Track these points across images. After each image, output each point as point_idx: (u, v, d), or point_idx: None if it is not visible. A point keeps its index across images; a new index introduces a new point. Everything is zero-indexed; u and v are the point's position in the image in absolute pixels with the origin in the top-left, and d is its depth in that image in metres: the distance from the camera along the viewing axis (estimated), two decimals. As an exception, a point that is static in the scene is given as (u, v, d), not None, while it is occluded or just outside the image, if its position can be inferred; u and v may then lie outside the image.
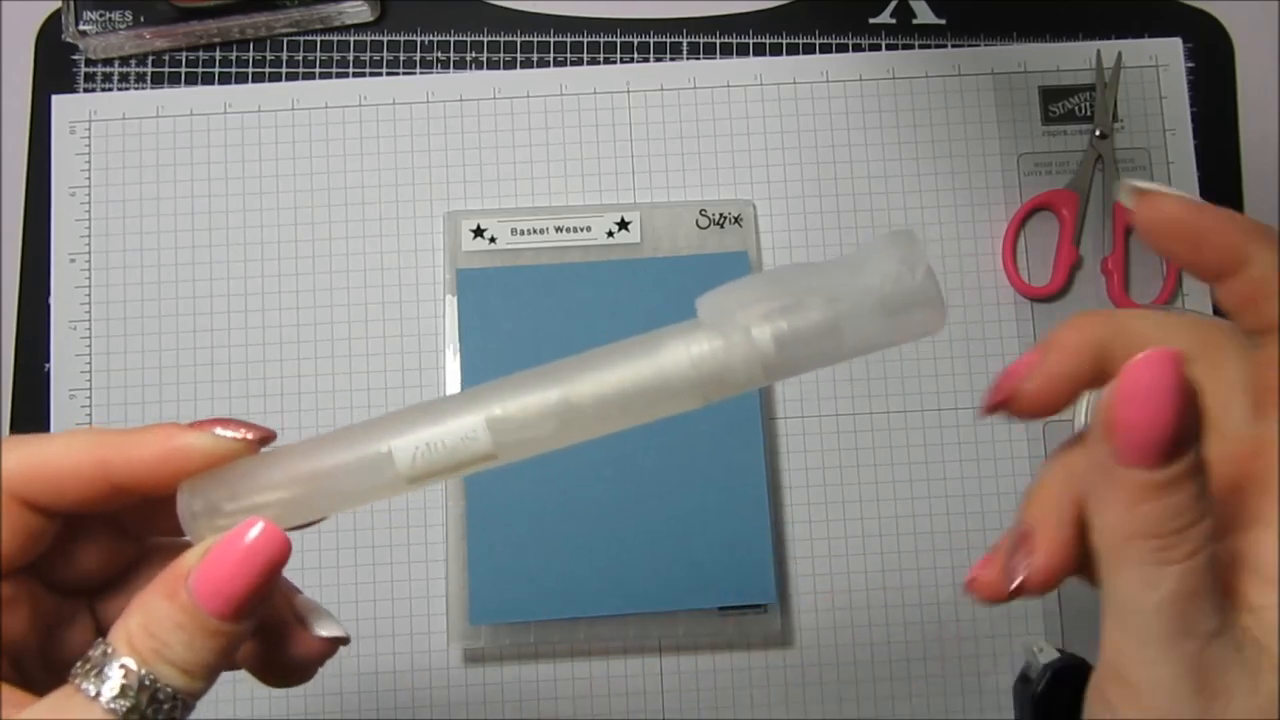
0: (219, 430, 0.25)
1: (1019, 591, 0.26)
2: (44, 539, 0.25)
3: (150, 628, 0.23)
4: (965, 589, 0.27)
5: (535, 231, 0.49)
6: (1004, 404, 0.26)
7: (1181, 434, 0.21)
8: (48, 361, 0.49)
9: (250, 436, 0.25)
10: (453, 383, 0.48)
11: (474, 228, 0.49)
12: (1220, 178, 0.52)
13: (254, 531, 0.23)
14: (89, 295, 0.49)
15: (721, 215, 0.50)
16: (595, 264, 0.49)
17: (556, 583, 0.46)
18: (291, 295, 0.50)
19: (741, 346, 0.25)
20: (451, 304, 0.48)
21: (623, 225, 0.49)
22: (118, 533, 0.27)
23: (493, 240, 0.49)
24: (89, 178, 0.50)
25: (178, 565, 0.24)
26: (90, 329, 0.49)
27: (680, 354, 0.25)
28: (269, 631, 0.27)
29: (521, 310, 0.48)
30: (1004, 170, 0.51)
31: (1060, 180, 0.51)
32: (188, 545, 0.25)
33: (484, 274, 0.48)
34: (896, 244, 0.24)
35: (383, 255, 0.50)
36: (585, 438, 0.26)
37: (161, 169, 0.50)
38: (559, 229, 0.49)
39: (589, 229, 0.49)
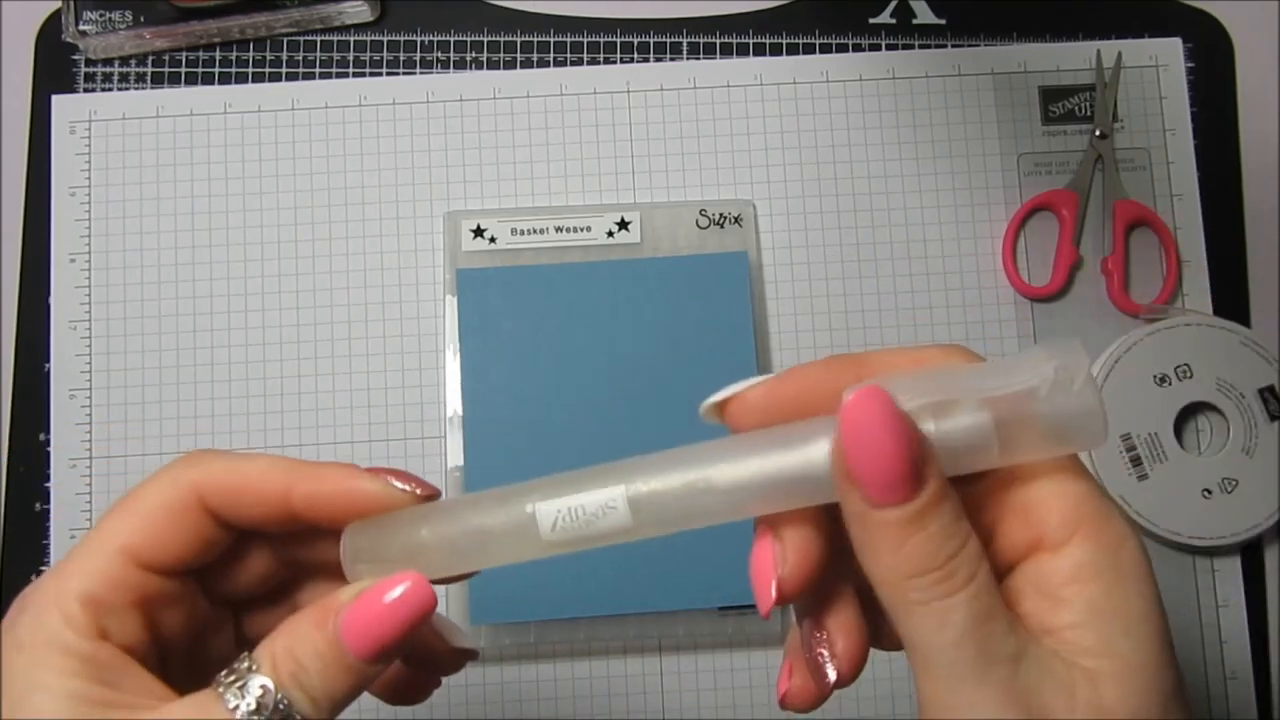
0: (393, 481, 0.26)
1: (837, 686, 0.25)
2: (218, 548, 0.27)
3: (294, 650, 0.24)
4: (781, 706, 0.26)
5: (535, 231, 0.49)
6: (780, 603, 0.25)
7: (916, 460, 0.22)
8: (48, 361, 0.49)
9: (419, 492, 0.26)
10: (453, 383, 0.48)
11: (474, 228, 0.49)
12: (1220, 178, 0.52)
13: (406, 584, 0.24)
14: (89, 295, 0.49)
15: (721, 215, 0.50)
16: (595, 264, 0.49)
17: (556, 583, 0.46)
18: (291, 295, 0.50)
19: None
20: (451, 304, 0.48)
21: (623, 225, 0.49)
22: (276, 554, 0.28)
23: (493, 240, 0.49)
24: (89, 178, 0.50)
25: (332, 599, 0.25)
26: (90, 329, 0.49)
27: (827, 448, 0.23)
28: (408, 655, 0.29)
29: (521, 310, 0.48)
30: (1004, 170, 0.51)
31: (1060, 180, 0.51)
32: (340, 581, 0.26)
33: (484, 274, 0.48)
34: (1057, 350, 0.23)
35: (383, 255, 0.50)
36: (722, 520, 0.25)
37: (161, 169, 0.50)
38: (559, 229, 0.49)
39: (589, 229, 0.49)
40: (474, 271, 0.48)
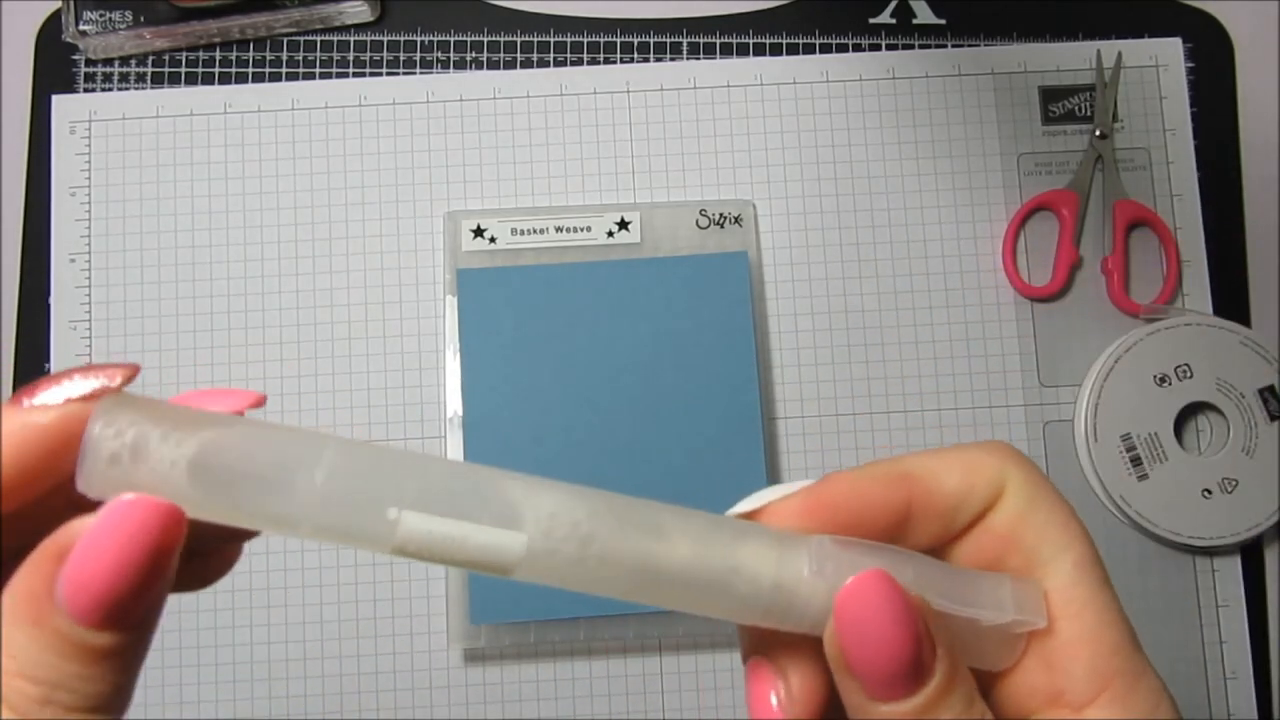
0: (72, 384, 0.19)
1: None
2: None
3: (26, 673, 0.17)
4: None
5: (535, 231, 0.49)
6: None
7: (921, 653, 0.20)
8: (48, 361, 0.49)
9: (117, 381, 0.19)
10: (453, 383, 0.48)
11: (474, 228, 0.49)
12: (1220, 178, 0.52)
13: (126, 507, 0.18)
14: (89, 295, 0.49)
15: (721, 215, 0.50)
16: (595, 264, 0.49)
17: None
18: (291, 295, 0.50)
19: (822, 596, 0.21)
20: (451, 304, 0.48)
21: (623, 225, 0.49)
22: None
23: (493, 240, 0.49)
24: (89, 178, 0.50)
25: (31, 575, 0.18)
26: (90, 329, 0.49)
27: (763, 569, 0.21)
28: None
29: (521, 310, 0.48)
30: (1004, 170, 0.51)
31: (1060, 180, 0.51)
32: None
33: (484, 274, 0.48)
34: (1022, 595, 0.21)
35: (383, 255, 0.50)
36: (610, 595, 0.21)
37: (161, 169, 0.50)
38: (559, 229, 0.49)
39: (589, 229, 0.49)
40: (474, 271, 0.48)
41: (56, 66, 0.51)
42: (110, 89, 0.51)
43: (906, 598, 0.20)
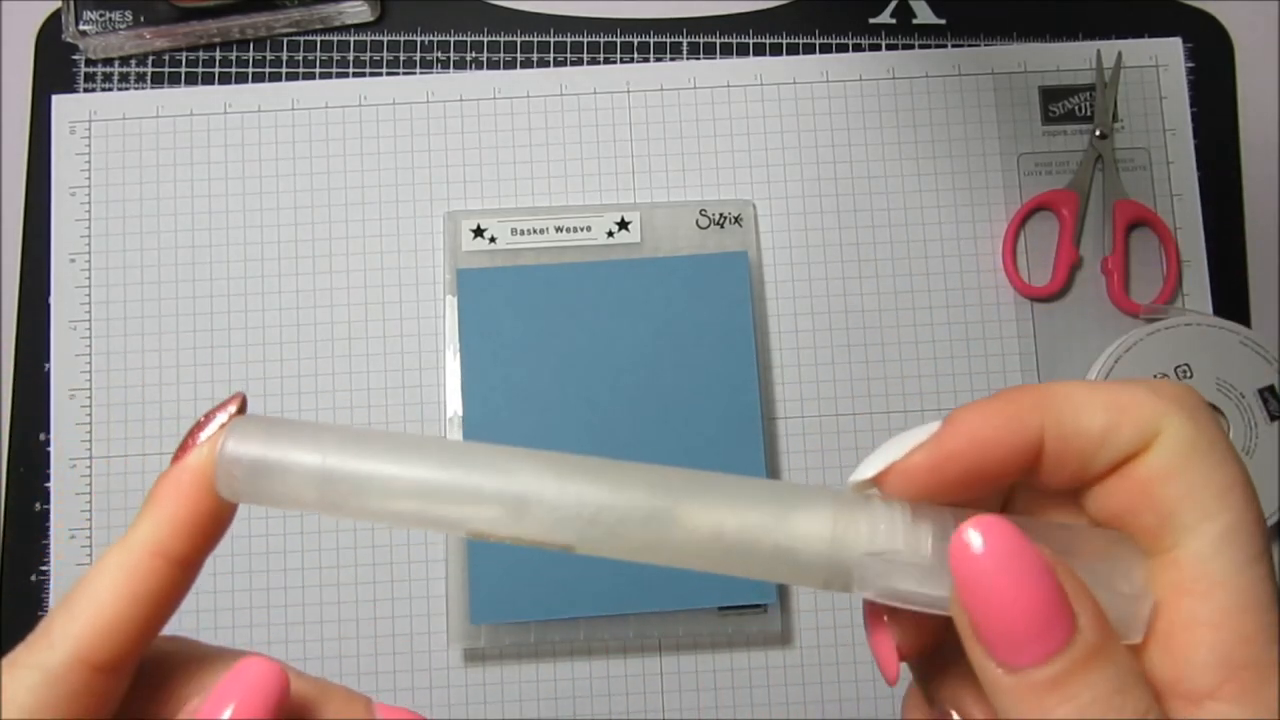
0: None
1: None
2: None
3: None
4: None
5: (535, 231, 0.49)
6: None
7: (1057, 607, 0.17)
8: (48, 361, 0.49)
9: (233, 410, 0.22)
10: (453, 383, 0.48)
11: (474, 228, 0.49)
12: (1220, 178, 0.52)
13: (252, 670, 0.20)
14: (89, 295, 0.49)
15: (721, 215, 0.50)
16: (595, 264, 0.49)
17: (556, 582, 0.46)
18: (291, 295, 0.50)
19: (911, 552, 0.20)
20: (451, 304, 0.48)
21: (623, 225, 0.49)
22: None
23: (493, 240, 0.49)
24: (89, 178, 0.50)
25: None
26: (90, 329, 0.49)
27: (820, 528, 0.20)
28: None
29: (522, 310, 0.48)
30: (1004, 170, 0.51)
31: (1060, 180, 0.51)
32: None
33: (484, 274, 0.48)
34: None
35: (383, 255, 0.50)
36: (671, 565, 0.22)
37: (161, 169, 0.50)
38: (559, 229, 0.49)
39: (589, 229, 0.49)
40: (474, 271, 0.48)
41: (56, 66, 0.51)
42: (110, 89, 0.51)
43: (1032, 546, 0.18)
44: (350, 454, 0.22)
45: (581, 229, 0.49)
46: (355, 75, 0.52)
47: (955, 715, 0.21)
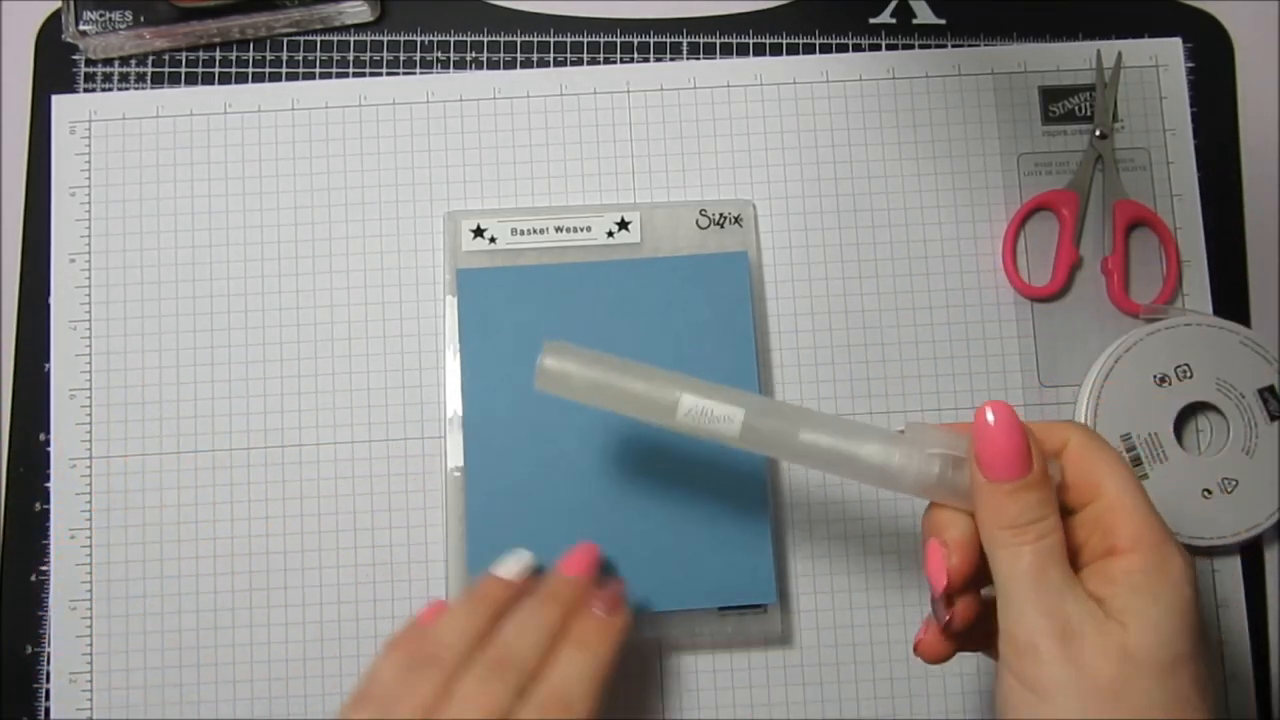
0: None
1: (948, 628, 0.35)
2: None
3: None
4: (915, 651, 0.36)
5: (535, 232, 0.49)
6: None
7: (1015, 456, 0.32)
8: (48, 361, 0.49)
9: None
10: (453, 383, 0.48)
11: (474, 228, 0.49)
12: (1220, 178, 0.52)
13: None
14: (89, 295, 0.49)
15: (721, 215, 0.50)
16: (595, 264, 0.49)
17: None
18: (291, 295, 0.50)
19: (915, 468, 0.34)
20: (451, 304, 0.48)
21: (623, 225, 0.49)
22: None
23: (493, 240, 0.49)
24: (89, 178, 0.50)
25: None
26: (90, 329, 0.49)
27: (875, 449, 0.35)
28: None
29: (522, 310, 0.48)
30: (1004, 170, 0.51)
31: (1060, 180, 0.51)
32: None
33: (484, 274, 0.48)
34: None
35: (383, 255, 0.50)
36: (792, 461, 0.38)
37: (161, 169, 0.50)
38: (559, 229, 0.49)
39: (589, 229, 0.49)
40: (474, 271, 0.48)
41: (56, 66, 0.51)
42: (110, 89, 0.51)
43: (1016, 420, 0.32)
44: (604, 369, 0.37)
45: (581, 229, 0.49)
46: (355, 75, 0.52)
47: (948, 615, 0.35)
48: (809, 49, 0.52)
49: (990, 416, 0.32)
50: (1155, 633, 0.30)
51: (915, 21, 0.53)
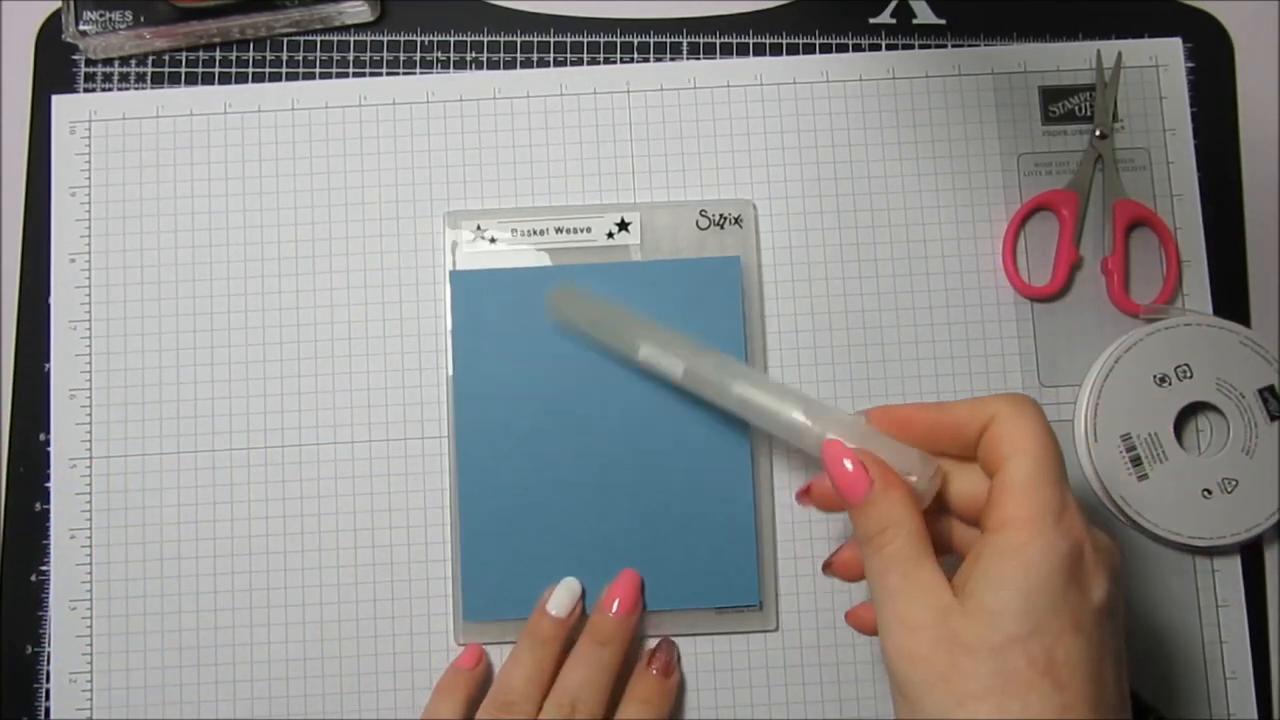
0: None
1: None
2: None
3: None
4: (846, 621, 0.42)
5: (535, 232, 0.49)
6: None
7: (852, 488, 0.35)
8: (48, 361, 0.49)
9: None
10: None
11: (474, 228, 0.49)
12: (1220, 178, 0.52)
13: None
14: (89, 295, 0.49)
15: (721, 215, 0.50)
16: (588, 266, 0.49)
17: (554, 581, 0.46)
18: (291, 295, 0.50)
19: (813, 439, 0.39)
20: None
21: (623, 226, 0.49)
22: None
23: (493, 240, 0.49)
24: (89, 178, 0.50)
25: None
26: (90, 329, 0.49)
27: (789, 412, 0.40)
28: None
29: (514, 313, 0.48)
30: (1004, 170, 0.51)
31: (1060, 180, 0.51)
32: None
33: (476, 276, 0.48)
34: (923, 461, 0.36)
35: (383, 255, 0.50)
36: (729, 410, 0.42)
37: (161, 169, 0.50)
38: (559, 229, 0.49)
39: (589, 230, 0.49)
40: (467, 274, 0.48)
41: (56, 66, 0.51)
42: (110, 89, 0.51)
43: (846, 450, 0.36)
44: (597, 307, 0.46)
45: (581, 230, 0.49)
46: (355, 75, 0.52)
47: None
48: (809, 49, 0.52)
49: (827, 450, 0.37)
50: (987, 617, 0.31)
51: (915, 21, 0.53)
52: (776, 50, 0.52)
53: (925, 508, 0.36)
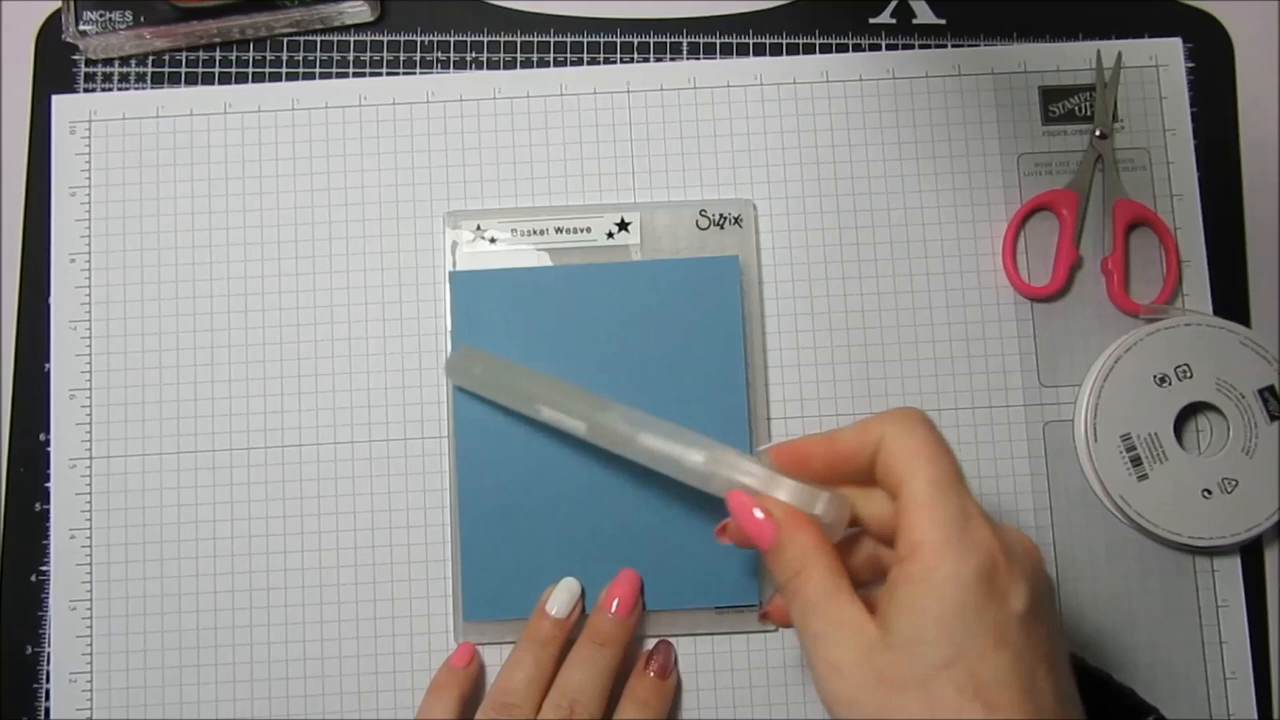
0: None
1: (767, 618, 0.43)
2: None
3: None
4: (761, 621, 0.44)
5: (535, 232, 0.49)
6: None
7: (759, 535, 0.35)
8: (48, 361, 0.49)
9: None
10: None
11: (474, 228, 0.49)
12: (1220, 178, 0.52)
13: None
14: (89, 295, 0.49)
15: (721, 215, 0.50)
16: (586, 266, 0.49)
17: (553, 581, 0.46)
18: (291, 295, 0.50)
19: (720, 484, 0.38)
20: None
21: (623, 226, 0.49)
22: None
23: (493, 240, 0.49)
24: (89, 178, 0.50)
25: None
26: (90, 329, 0.49)
27: (693, 458, 0.39)
28: None
29: (513, 313, 0.48)
30: (1004, 170, 0.51)
31: (1060, 180, 0.51)
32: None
33: (475, 276, 0.48)
34: (831, 500, 0.36)
35: (383, 255, 0.50)
36: (636, 459, 0.42)
37: (161, 169, 0.50)
38: (559, 229, 0.49)
39: (589, 230, 0.49)
40: (466, 274, 0.48)
41: (56, 66, 0.51)
42: (110, 89, 0.51)
43: (749, 499, 0.36)
44: (497, 369, 0.46)
45: (582, 230, 0.49)
46: (355, 75, 0.52)
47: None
48: (809, 49, 0.52)
49: (731, 501, 0.36)
50: (908, 650, 0.31)
51: (915, 21, 0.53)
52: (776, 50, 0.52)
53: (839, 540, 0.36)
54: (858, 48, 0.52)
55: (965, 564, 0.31)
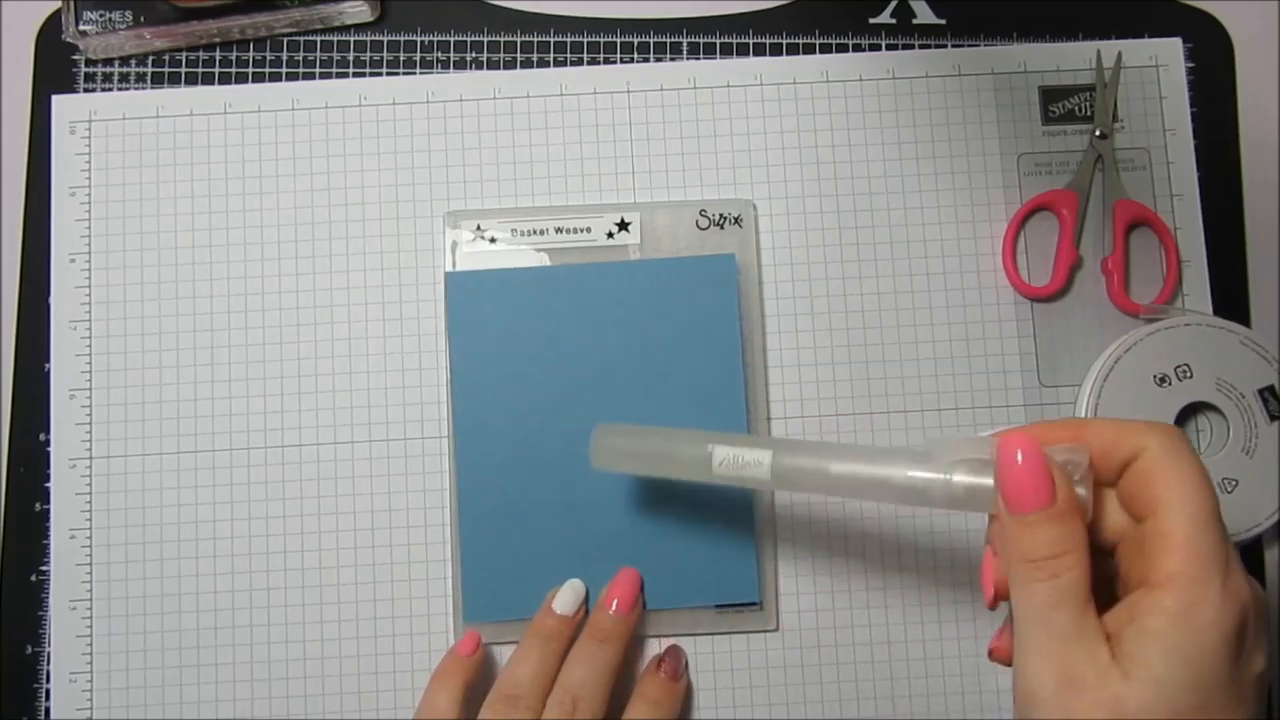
0: None
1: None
2: None
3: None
4: (989, 658, 0.36)
5: (535, 232, 0.49)
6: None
7: (1036, 488, 0.31)
8: (48, 361, 0.49)
9: None
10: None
11: (474, 228, 0.49)
12: (1220, 178, 0.52)
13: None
14: (89, 295, 0.49)
15: (721, 215, 0.50)
16: (584, 266, 0.49)
17: (553, 581, 0.46)
18: (291, 295, 0.50)
19: (942, 484, 0.34)
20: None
21: (623, 226, 0.49)
22: None
23: (493, 240, 0.49)
24: (89, 178, 0.50)
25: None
26: (90, 329, 0.49)
27: (902, 471, 0.35)
28: None
29: (511, 313, 0.48)
30: (1004, 170, 0.51)
31: (1060, 180, 0.51)
32: None
33: (473, 277, 0.48)
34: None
35: (383, 255, 0.50)
36: (826, 495, 0.41)
37: (161, 169, 0.50)
38: (559, 229, 0.49)
39: (589, 230, 0.49)
40: (465, 274, 0.48)
41: (56, 66, 0.51)
42: (110, 89, 0.51)
43: (1036, 444, 0.31)
44: (644, 437, 0.41)
45: (582, 230, 0.49)
46: (355, 75, 0.52)
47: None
48: (809, 49, 0.52)
49: (1019, 456, 0.31)
50: (1155, 688, 0.28)
51: (915, 21, 0.53)
52: (776, 50, 0.52)
53: None
54: (858, 48, 0.52)
55: (1228, 612, 0.29)
